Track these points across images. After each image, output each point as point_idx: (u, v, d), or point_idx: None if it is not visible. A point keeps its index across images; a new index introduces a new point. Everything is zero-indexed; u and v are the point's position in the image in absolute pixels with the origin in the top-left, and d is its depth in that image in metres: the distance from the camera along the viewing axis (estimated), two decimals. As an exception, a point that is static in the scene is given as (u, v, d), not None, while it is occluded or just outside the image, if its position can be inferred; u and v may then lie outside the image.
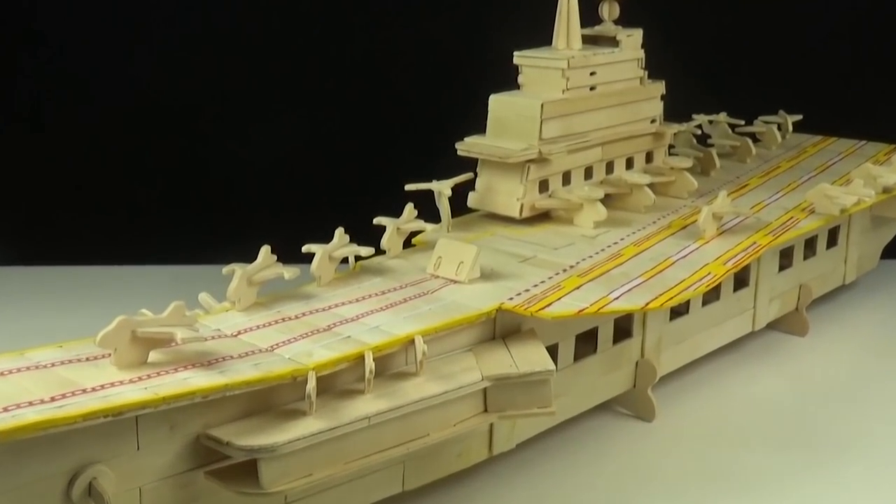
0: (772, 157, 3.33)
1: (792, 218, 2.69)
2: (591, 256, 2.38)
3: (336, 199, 3.33)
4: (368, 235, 2.31)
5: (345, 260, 2.24)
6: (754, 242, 2.51)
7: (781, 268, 2.76)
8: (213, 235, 3.26)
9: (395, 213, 2.38)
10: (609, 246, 2.45)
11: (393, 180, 2.52)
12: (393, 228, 2.35)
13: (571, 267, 2.31)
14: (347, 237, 2.22)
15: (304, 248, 2.19)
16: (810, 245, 2.85)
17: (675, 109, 2.97)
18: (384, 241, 2.34)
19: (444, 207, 2.51)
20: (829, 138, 3.54)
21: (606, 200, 2.62)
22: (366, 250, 2.22)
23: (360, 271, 2.27)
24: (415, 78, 3.43)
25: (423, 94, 3.41)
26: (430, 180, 2.52)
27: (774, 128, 3.45)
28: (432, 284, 2.18)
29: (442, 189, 2.51)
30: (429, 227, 2.39)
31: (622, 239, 2.51)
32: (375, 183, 3.26)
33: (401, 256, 2.35)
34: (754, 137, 3.40)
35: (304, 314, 2.01)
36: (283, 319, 1.98)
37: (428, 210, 2.46)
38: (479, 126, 2.64)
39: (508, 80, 2.68)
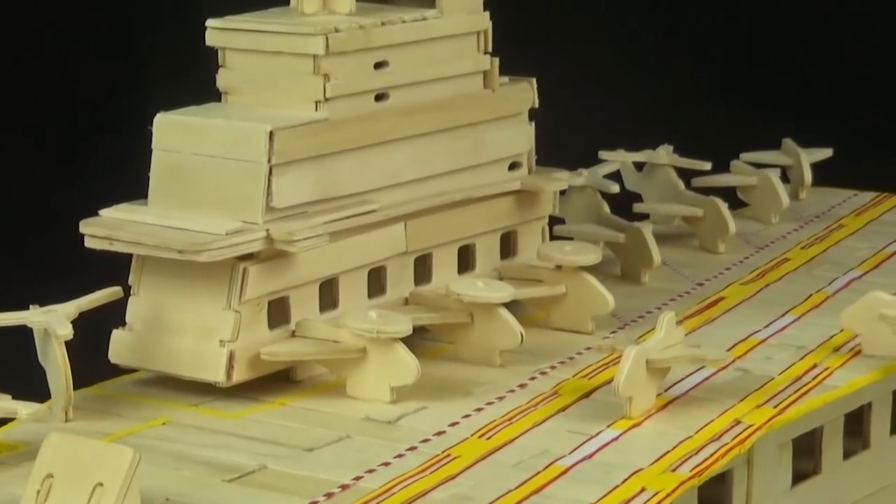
0: (771, 240, 3.47)
1: (815, 367, 2.80)
2: (386, 464, 2.42)
3: None
4: None
5: None
6: (737, 422, 2.60)
7: (798, 478, 2.85)
8: None
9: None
10: (426, 440, 2.51)
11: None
12: (-58, 415, 2.35)
13: (342, 488, 2.34)
14: None
15: None
16: (854, 426, 2.96)
17: (566, 140, 3.08)
18: (-78, 445, 2.34)
19: (57, 365, 2.53)
20: (890, 196, 3.72)
21: (416, 341, 2.68)
22: None
23: None
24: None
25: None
26: (24, 306, 2.55)
27: (774, 176, 3.60)
28: (34, 537, 2.18)
29: (52, 326, 2.53)
30: (23, 408, 2.40)
31: (454, 424, 2.57)
32: None
33: (-40, 477, 2.35)
34: (734, 198, 3.54)
35: None
36: None
37: (21, 371, 2.48)
38: (135, 182, 2.69)
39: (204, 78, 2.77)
